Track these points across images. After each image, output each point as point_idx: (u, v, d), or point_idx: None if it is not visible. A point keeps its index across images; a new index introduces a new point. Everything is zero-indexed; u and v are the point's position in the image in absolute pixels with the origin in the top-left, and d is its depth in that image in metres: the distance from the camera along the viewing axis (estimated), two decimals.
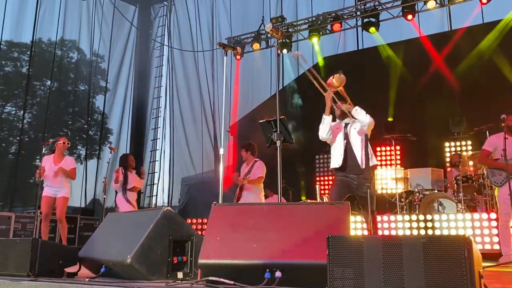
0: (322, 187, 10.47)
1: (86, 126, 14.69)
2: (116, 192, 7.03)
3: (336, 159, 4.65)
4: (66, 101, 14.69)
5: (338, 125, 4.78)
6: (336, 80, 4.58)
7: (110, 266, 3.35)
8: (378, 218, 6.80)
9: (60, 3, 12.12)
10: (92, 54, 13.62)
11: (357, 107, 4.68)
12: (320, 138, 4.85)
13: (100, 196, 11.32)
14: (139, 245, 3.14)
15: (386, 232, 6.85)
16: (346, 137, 4.63)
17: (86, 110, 14.08)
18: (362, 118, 4.56)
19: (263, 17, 11.89)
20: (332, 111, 4.79)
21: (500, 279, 3.84)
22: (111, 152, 7.83)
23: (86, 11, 12.76)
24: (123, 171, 6.95)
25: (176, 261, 3.29)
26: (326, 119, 4.71)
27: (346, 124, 4.74)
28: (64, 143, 6.72)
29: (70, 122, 15.75)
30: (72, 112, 15.43)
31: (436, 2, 9.67)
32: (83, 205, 12.02)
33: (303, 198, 10.19)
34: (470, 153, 8.92)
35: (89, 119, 14.48)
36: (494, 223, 6.09)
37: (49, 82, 13.64)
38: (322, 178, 10.89)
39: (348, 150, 4.58)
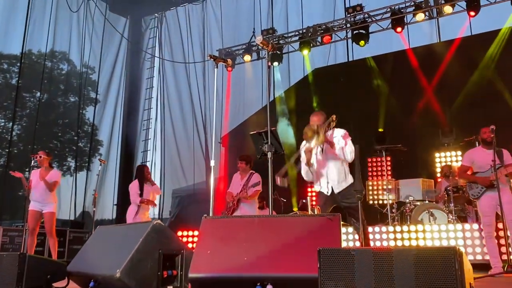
0: (314, 199, 10.44)
1: (76, 138, 14.60)
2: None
3: (324, 186, 4.63)
4: (56, 113, 14.64)
5: (310, 157, 4.62)
6: (309, 131, 4.45)
7: (99, 281, 3.29)
8: (370, 229, 6.80)
9: (50, 14, 12.11)
10: (82, 65, 13.59)
11: (342, 149, 4.49)
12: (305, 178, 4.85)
13: (90, 208, 11.21)
14: (128, 259, 3.10)
15: (378, 243, 6.84)
16: (320, 161, 4.58)
17: (76, 122, 14.00)
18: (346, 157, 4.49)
19: (254, 28, 11.97)
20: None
21: None
22: (101, 164, 7.76)
23: (76, 22, 12.76)
24: (138, 184, 6.87)
25: (166, 275, 3.25)
26: (311, 169, 4.66)
27: (320, 148, 4.61)
28: (41, 156, 6.61)
29: (60, 134, 15.67)
30: (62, 124, 15.37)
31: (425, 15, 9.78)
32: (72, 218, 11.89)
33: (295, 209, 10.16)
34: (460, 163, 8.96)
35: (79, 130, 14.40)
36: (483, 234, 6.11)
37: (38, 94, 13.59)
38: (314, 190, 10.87)
39: (328, 176, 4.56)
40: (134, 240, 3.22)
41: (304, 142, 4.66)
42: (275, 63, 11.51)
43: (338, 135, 4.56)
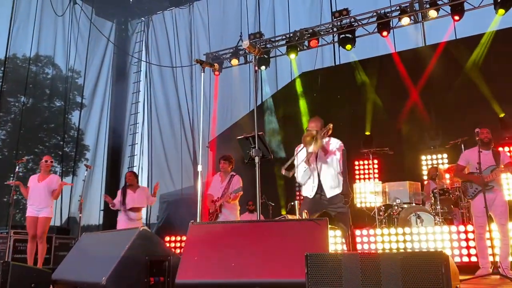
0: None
1: (61, 142, 14.43)
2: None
3: (308, 189, 4.66)
4: (41, 118, 14.46)
5: (309, 157, 4.69)
6: (307, 137, 4.50)
7: None
8: (358, 232, 6.82)
9: (35, 18, 11.96)
10: (68, 70, 13.45)
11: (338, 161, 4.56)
12: (298, 181, 4.84)
13: (76, 214, 11.07)
14: (114, 266, 3.06)
15: (366, 246, 6.87)
16: (318, 169, 4.60)
17: (62, 127, 13.85)
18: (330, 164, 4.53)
19: (241, 33, 11.98)
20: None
21: None
22: (86, 170, 7.69)
23: (61, 26, 12.62)
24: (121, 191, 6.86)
25: (153, 282, 3.22)
26: (307, 169, 4.67)
27: (316, 154, 4.63)
28: (47, 161, 6.76)
29: (45, 139, 15.49)
30: (47, 129, 15.19)
31: (410, 19, 9.88)
32: (58, 224, 11.72)
33: (284, 213, 10.16)
34: (446, 166, 9.06)
35: (65, 135, 14.24)
36: (471, 236, 6.17)
37: (23, 98, 13.40)
38: (302, 194, 10.84)
39: (321, 180, 4.57)
40: (120, 247, 3.18)
41: (299, 147, 4.69)
42: (262, 67, 11.52)
43: (334, 146, 4.60)
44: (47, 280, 3.58)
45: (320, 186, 4.56)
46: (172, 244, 8.29)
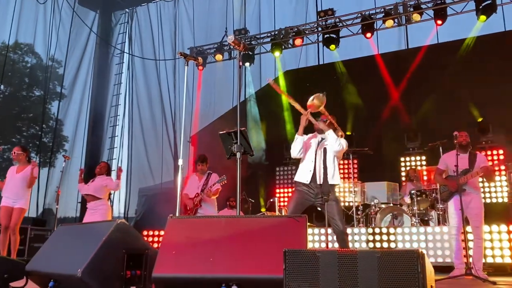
0: (282, 200, 10.50)
1: (40, 133, 14.18)
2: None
3: (304, 174, 4.53)
4: (19, 107, 14.17)
5: (311, 139, 4.70)
6: (318, 100, 4.54)
7: (59, 281, 3.20)
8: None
9: (15, 5, 11.69)
10: (48, 59, 13.19)
11: (329, 132, 4.55)
12: (292, 156, 4.77)
13: (52, 205, 10.90)
14: (90, 258, 3.01)
15: None
16: (317, 153, 4.53)
17: (41, 117, 13.59)
18: (331, 143, 4.51)
19: (226, 28, 11.93)
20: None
21: None
22: (65, 161, 7.56)
23: (43, 14, 12.37)
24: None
25: (129, 275, 3.18)
26: (299, 139, 4.61)
27: (321, 139, 4.64)
28: (15, 152, 6.56)
29: (23, 129, 15.20)
30: (25, 118, 14.90)
31: (394, 21, 9.99)
32: (34, 215, 11.51)
33: (263, 210, 10.18)
34: (424, 168, 9.21)
35: (44, 125, 13.98)
36: (446, 237, 6.29)
37: (2, 87, 13.10)
38: (282, 190, 10.91)
39: (317, 167, 4.49)
40: (97, 239, 3.14)
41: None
42: (247, 64, 11.51)
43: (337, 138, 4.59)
44: (21, 271, 3.51)
45: (315, 174, 4.44)
46: (150, 239, 8.23)
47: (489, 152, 8.83)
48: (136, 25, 13.97)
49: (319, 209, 4.60)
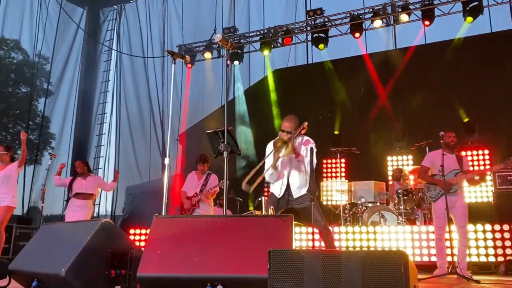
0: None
1: (26, 129, 13.99)
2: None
3: (277, 188, 4.64)
4: (5, 104, 13.98)
5: (277, 161, 4.63)
6: (278, 142, 4.52)
7: (42, 280, 3.17)
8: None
9: (0, 0, 11.52)
10: (35, 55, 13.03)
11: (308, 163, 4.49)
12: (266, 180, 4.85)
13: (38, 203, 10.78)
14: (74, 258, 2.99)
15: None
16: (288, 171, 4.58)
17: (27, 113, 13.42)
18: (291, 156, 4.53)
19: (215, 26, 11.88)
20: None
21: None
22: (51, 158, 7.48)
23: (29, 9, 12.21)
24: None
25: (114, 275, 3.17)
26: (274, 172, 4.65)
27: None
28: None
29: (10, 125, 15.01)
30: (12, 115, 14.71)
31: (382, 22, 10.04)
32: (19, 213, 11.38)
33: (251, 208, 10.18)
34: (411, 167, 9.27)
35: (30, 122, 13.80)
36: (431, 236, 6.35)
37: None
38: (270, 190, 10.87)
39: (289, 181, 4.56)
40: (81, 238, 3.12)
41: (269, 145, 4.70)
42: (236, 62, 11.48)
43: (307, 148, 4.52)
44: (4, 270, 3.47)
45: (288, 187, 4.56)
46: (137, 237, 8.19)
47: (474, 152, 8.92)
48: (124, 22, 13.87)
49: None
